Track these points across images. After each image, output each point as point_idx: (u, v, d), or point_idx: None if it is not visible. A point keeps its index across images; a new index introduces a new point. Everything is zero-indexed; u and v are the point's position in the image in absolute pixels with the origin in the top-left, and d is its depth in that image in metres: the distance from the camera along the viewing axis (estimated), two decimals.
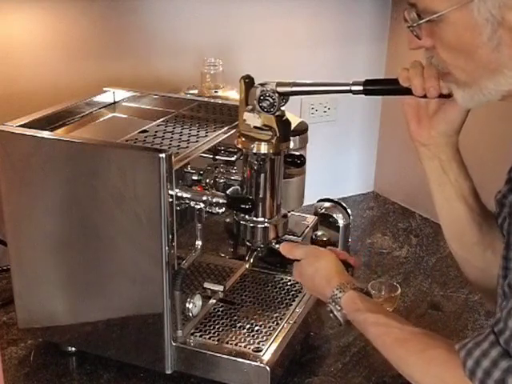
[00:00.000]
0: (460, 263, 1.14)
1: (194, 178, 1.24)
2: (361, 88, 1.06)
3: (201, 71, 1.65)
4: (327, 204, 1.74)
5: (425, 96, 0.99)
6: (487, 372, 0.85)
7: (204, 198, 1.16)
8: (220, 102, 1.48)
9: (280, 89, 1.12)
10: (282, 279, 1.46)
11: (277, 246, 1.25)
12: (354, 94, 1.08)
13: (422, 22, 0.90)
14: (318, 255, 1.20)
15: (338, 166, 2.15)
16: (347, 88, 1.07)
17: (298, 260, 1.22)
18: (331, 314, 1.13)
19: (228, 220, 1.41)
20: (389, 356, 1.00)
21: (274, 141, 1.16)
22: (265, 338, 1.27)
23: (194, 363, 1.23)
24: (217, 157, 1.29)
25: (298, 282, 1.42)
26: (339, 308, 1.11)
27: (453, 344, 0.94)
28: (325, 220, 1.70)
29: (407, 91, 1.01)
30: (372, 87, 1.06)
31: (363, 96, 1.10)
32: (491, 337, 0.86)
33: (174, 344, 1.23)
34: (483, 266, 1.09)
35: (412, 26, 0.91)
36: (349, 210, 1.73)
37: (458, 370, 0.88)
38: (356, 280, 1.15)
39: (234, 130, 1.29)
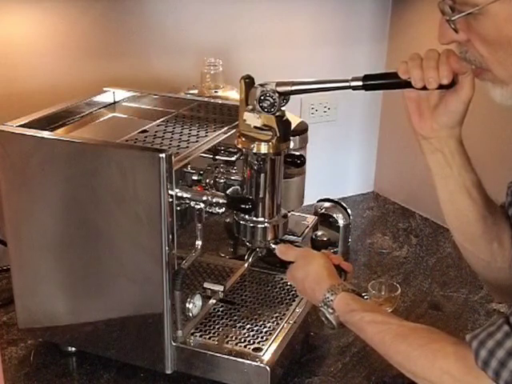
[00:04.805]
0: (465, 255, 1.14)
1: (194, 178, 1.24)
2: (360, 83, 1.06)
3: (201, 71, 1.65)
4: (327, 204, 1.74)
5: (425, 88, 0.99)
6: (502, 362, 0.84)
7: (204, 198, 1.16)
8: (220, 102, 1.48)
9: (280, 88, 1.12)
10: (282, 279, 1.46)
11: (273, 246, 1.25)
12: (353, 89, 1.07)
13: (462, 15, 0.88)
14: (309, 258, 1.19)
15: (337, 166, 2.15)
16: (347, 84, 1.07)
17: (292, 262, 1.22)
18: (323, 318, 1.12)
19: (228, 220, 1.41)
20: (389, 353, 1.00)
21: (274, 141, 1.16)
22: (265, 337, 1.27)
23: (194, 363, 1.23)
24: (217, 157, 1.29)
25: None
26: (332, 311, 1.10)
27: (454, 337, 0.93)
28: (325, 220, 1.70)
29: (407, 84, 1.01)
30: (371, 82, 1.06)
31: (363, 94, 1.10)
32: (505, 327, 0.85)
33: (174, 344, 1.23)
34: (489, 258, 1.09)
35: (451, 19, 0.89)
36: (349, 210, 1.74)
37: (466, 361, 0.88)
38: (348, 283, 1.15)
39: (234, 130, 1.29)
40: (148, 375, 1.29)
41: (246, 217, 1.24)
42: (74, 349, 1.34)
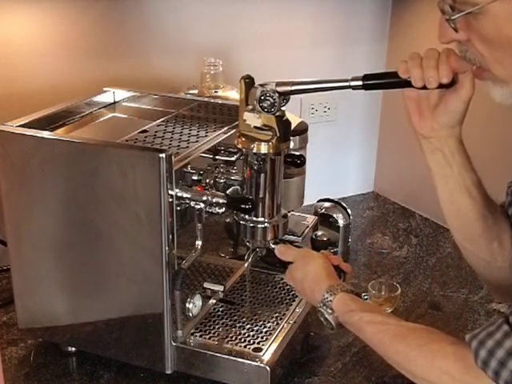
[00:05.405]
0: (466, 255, 1.14)
1: (194, 178, 1.24)
2: (360, 83, 1.06)
3: (201, 71, 1.65)
4: (327, 204, 1.74)
5: (425, 87, 0.99)
6: (502, 362, 0.84)
7: (204, 198, 1.16)
8: (220, 102, 1.48)
9: (280, 88, 1.12)
10: (282, 279, 1.46)
11: (273, 246, 1.25)
12: (353, 89, 1.07)
13: (462, 14, 0.88)
14: (308, 259, 1.19)
15: (338, 166, 2.15)
16: (346, 84, 1.07)
17: (291, 262, 1.22)
18: (322, 318, 1.12)
19: (228, 220, 1.41)
20: (388, 353, 1.00)
21: (274, 141, 1.16)
22: (265, 338, 1.27)
23: (194, 363, 1.23)
24: (217, 157, 1.29)
25: None
26: (330, 311, 1.10)
27: (453, 337, 0.93)
28: (325, 220, 1.70)
29: (407, 83, 1.01)
30: (371, 81, 1.06)
31: (363, 94, 1.10)
32: (505, 327, 0.85)
33: (174, 344, 1.23)
34: (489, 258, 1.09)
35: (450, 18, 0.89)
36: (349, 210, 1.74)
37: (466, 361, 0.88)
38: (347, 283, 1.15)
39: (234, 130, 1.29)
40: (148, 375, 1.29)
41: (246, 217, 1.24)
42: (73, 349, 1.34)
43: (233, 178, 1.27)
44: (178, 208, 1.16)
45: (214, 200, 1.16)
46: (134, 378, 1.29)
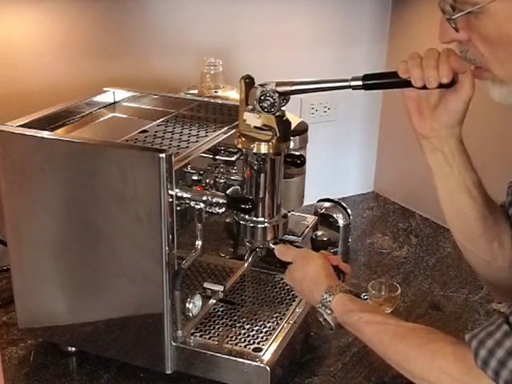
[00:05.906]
0: (466, 255, 1.14)
1: (194, 178, 1.24)
2: (360, 83, 1.06)
3: (201, 71, 1.65)
4: (327, 204, 1.74)
5: (425, 87, 0.99)
6: (502, 362, 0.84)
7: (204, 198, 1.16)
8: (220, 102, 1.48)
9: (280, 88, 1.12)
10: (282, 279, 1.46)
11: (273, 246, 1.25)
12: (353, 89, 1.07)
13: (462, 13, 0.88)
14: (307, 259, 1.19)
15: (338, 166, 2.15)
16: (346, 84, 1.07)
17: (290, 262, 1.22)
18: (321, 319, 1.12)
19: (228, 220, 1.41)
20: (387, 353, 1.00)
21: (274, 141, 1.16)
22: (265, 337, 1.27)
23: (194, 363, 1.23)
24: (217, 157, 1.29)
25: None
26: (329, 312, 1.10)
27: (453, 337, 0.94)
28: (325, 220, 1.70)
29: (407, 83, 1.01)
30: (371, 81, 1.06)
31: (363, 94, 1.10)
32: (505, 327, 0.85)
33: (174, 344, 1.23)
34: (489, 257, 1.09)
35: (451, 18, 0.90)
36: (349, 210, 1.74)
37: (465, 361, 0.88)
38: (346, 283, 1.15)
39: (234, 130, 1.29)
40: (148, 375, 1.29)
41: (246, 217, 1.24)
42: (74, 349, 1.34)
43: (233, 177, 1.27)
44: (178, 208, 1.16)
45: (214, 200, 1.16)
46: (134, 378, 1.29)
